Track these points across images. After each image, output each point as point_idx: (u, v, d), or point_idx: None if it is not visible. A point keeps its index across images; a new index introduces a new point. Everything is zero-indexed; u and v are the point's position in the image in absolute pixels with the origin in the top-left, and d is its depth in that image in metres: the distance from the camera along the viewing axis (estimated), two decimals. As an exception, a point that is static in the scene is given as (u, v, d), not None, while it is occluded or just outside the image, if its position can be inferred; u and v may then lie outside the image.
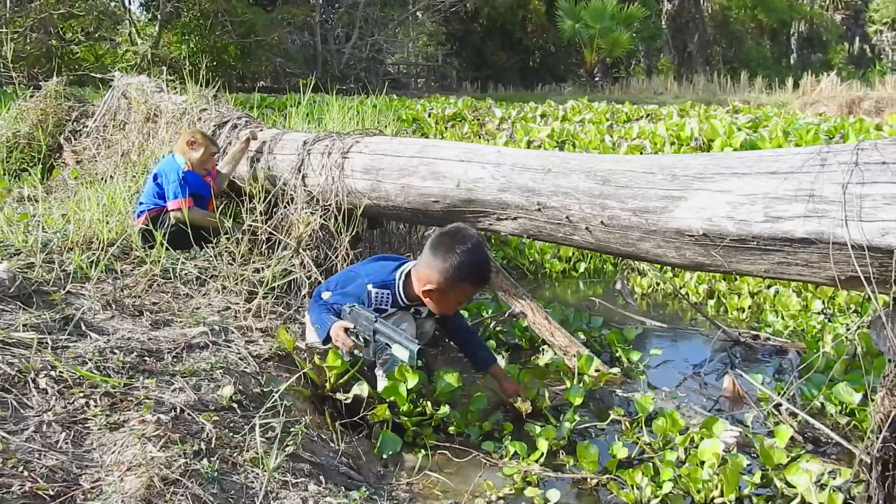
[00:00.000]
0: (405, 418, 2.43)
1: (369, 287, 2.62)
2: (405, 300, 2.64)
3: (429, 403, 2.48)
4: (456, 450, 2.37)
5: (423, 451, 2.36)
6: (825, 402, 2.67)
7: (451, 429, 2.50)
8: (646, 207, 2.33)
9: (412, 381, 2.43)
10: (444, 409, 2.47)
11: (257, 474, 1.79)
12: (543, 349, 3.15)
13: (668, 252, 2.35)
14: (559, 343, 3.03)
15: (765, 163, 2.11)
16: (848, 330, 3.35)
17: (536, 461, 2.30)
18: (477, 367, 2.87)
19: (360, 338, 2.45)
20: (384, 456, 2.32)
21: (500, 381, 2.78)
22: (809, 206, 1.95)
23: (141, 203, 3.74)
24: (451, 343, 3.11)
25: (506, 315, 3.48)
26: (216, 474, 1.71)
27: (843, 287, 2.02)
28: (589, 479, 2.23)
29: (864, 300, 3.62)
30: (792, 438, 2.36)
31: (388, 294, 2.63)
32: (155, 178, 3.75)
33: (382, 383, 2.49)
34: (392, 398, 2.41)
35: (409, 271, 2.66)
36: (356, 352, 2.48)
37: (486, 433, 2.51)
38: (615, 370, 3.03)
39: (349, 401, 2.43)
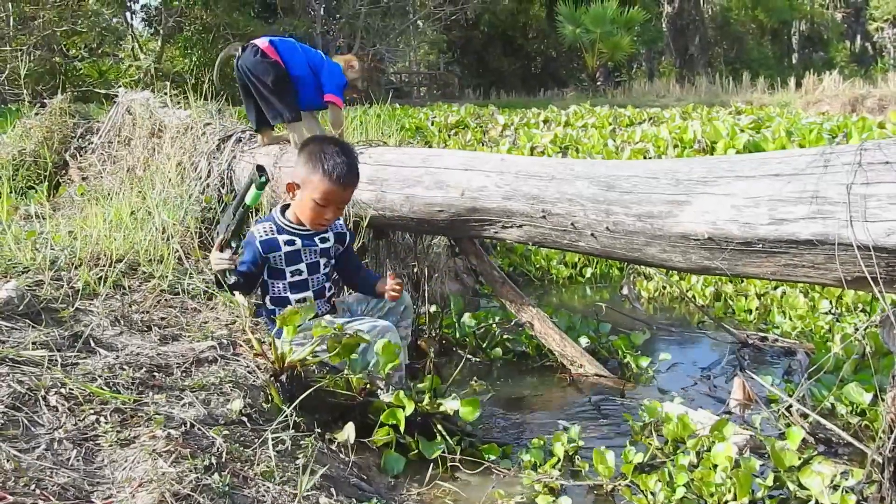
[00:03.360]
0: (410, 440, 2.41)
1: (253, 228, 2.74)
2: (289, 224, 2.71)
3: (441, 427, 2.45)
4: (468, 461, 2.36)
5: (434, 462, 2.35)
6: (835, 402, 2.67)
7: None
8: (650, 212, 2.33)
9: (410, 408, 2.39)
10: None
11: (268, 488, 1.79)
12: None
13: (674, 256, 2.35)
14: (568, 353, 3.04)
15: (768, 165, 2.12)
16: (856, 330, 3.34)
17: (553, 466, 2.30)
18: (367, 292, 2.92)
19: (232, 244, 2.55)
20: (389, 476, 2.31)
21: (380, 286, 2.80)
22: (814, 208, 1.96)
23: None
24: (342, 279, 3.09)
25: (512, 323, 3.48)
26: (227, 489, 1.71)
27: (850, 287, 2.02)
28: (604, 485, 2.22)
29: (872, 299, 3.61)
30: (803, 440, 2.35)
31: (269, 226, 2.71)
32: (312, 56, 4.08)
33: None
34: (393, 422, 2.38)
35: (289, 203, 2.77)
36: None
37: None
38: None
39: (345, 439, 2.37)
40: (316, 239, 2.72)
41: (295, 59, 3.98)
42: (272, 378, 2.37)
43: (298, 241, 2.69)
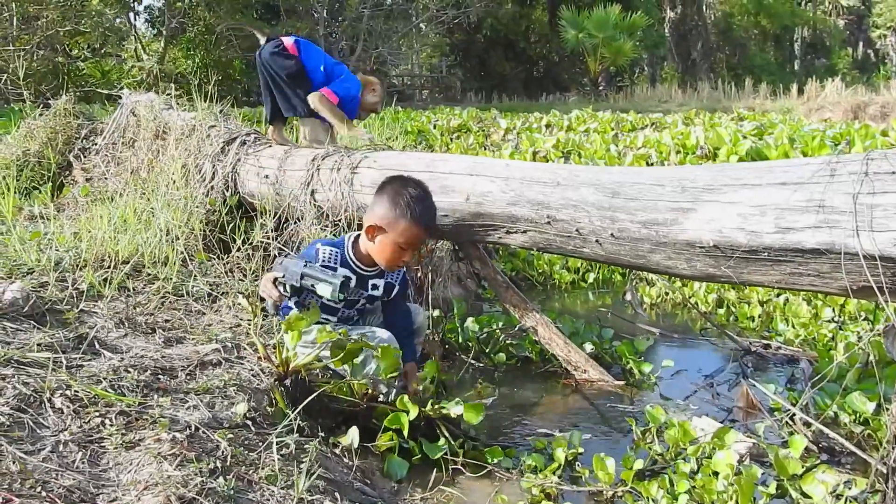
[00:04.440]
0: (413, 444, 2.41)
1: (318, 245, 2.69)
2: (354, 260, 2.68)
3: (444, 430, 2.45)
4: (471, 465, 2.37)
5: (437, 466, 2.35)
6: (839, 411, 2.67)
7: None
8: (655, 220, 2.34)
9: (413, 412, 2.39)
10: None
11: (273, 492, 1.79)
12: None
13: (679, 264, 2.35)
14: (572, 359, 3.04)
15: (774, 174, 2.12)
16: (860, 338, 3.34)
17: (554, 472, 2.30)
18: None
19: (287, 287, 2.48)
20: (393, 481, 2.31)
21: (408, 379, 2.69)
22: (820, 217, 1.96)
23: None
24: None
25: (516, 328, 3.48)
26: (232, 493, 1.72)
27: (855, 297, 2.02)
28: (605, 492, 2.22)
29: (876, 308, 3.61)
30: (806, 448, 2.35)
31: (336, 252, 2.68)
32: (335, 65, 4.19)
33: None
34: (396, 426, 2.38)
35: (359, 234, 2.71)
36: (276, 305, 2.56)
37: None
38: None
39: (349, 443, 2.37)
40: (369, 283, 2.71)
41: (313, 61, 4.07)
42: (276, 382, 2.37)
43: (353, 281, 2.68)
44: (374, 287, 2.73)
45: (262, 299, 2.61)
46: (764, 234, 2.07)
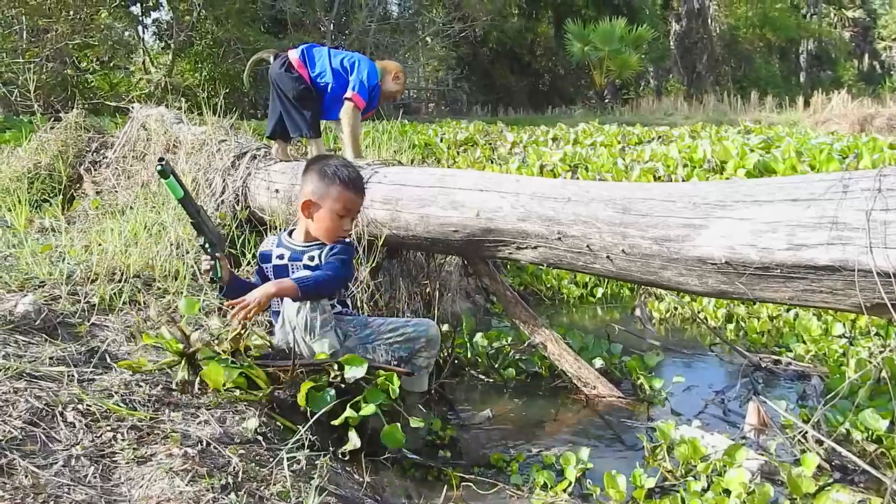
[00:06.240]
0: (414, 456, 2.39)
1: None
2: (289, 239, 2.78)
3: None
4: (481, 482, 2.36)
5: (448, 484, 2.35)
6: (851, 428, 2.65)
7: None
8: (667, 236, 2.33)
9: (416, 424, 2.38)
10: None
11: (285, 508, 1.79)
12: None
13: (691, 280, 2.35)
14: (583, 376, 3.03)
15: (786, 190, 2.12)
16: (871, 354, 3.32)
17: (564, 490, 2.28)
18: None
19: (206, 246, 2.53)
20: (402, 497, 2.29)
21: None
22: (833, 234, 1.96)
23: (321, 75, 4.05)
24: None
25: (525, 344, 3.47)
26: (244, 509, 1.72)
27: (868, 314, 2.01)
28: (616, 510, 2.21)
29: (888, 324, 3.59)
30: (819, 466, 2.33)
31: (274, 238, 2.86)
32: (344, 59, 4.06)
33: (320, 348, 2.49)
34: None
35: (293, 229, 2.86)
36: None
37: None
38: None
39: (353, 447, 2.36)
40: (304, 256, 2.73)
41: (323, 66, 4.02)
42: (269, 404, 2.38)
43: (287, 256, 2.73)
44: (312, 258, 2.74)
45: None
46: (776, 251, 2.07)
